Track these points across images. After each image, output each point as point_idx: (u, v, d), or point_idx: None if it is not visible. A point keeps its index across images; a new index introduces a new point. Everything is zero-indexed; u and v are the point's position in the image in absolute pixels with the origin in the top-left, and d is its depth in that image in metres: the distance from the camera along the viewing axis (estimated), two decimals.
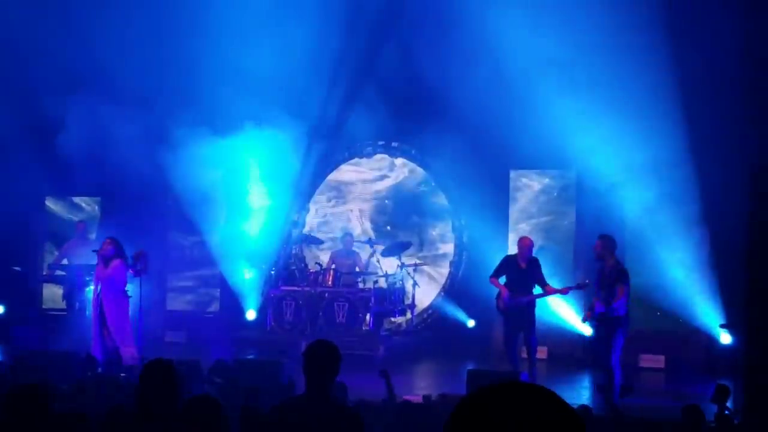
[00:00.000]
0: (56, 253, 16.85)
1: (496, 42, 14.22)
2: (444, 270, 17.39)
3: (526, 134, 14.43)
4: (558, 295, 12.88)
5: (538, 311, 12.63)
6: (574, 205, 16.01)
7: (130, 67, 15.32)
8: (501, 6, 13.95)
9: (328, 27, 14.99)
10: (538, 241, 13.77)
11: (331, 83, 15.95)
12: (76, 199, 18.08)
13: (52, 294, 16.86)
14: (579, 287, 12.60)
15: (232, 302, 17.01)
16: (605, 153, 14.42)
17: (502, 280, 12.53)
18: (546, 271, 12.70)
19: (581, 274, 14.28)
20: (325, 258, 16.83)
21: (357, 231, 17.66)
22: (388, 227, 17.73)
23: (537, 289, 12.54)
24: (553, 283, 12.76)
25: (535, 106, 14.26)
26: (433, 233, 17.62)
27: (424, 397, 10.17)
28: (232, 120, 15.73)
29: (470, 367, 12.52)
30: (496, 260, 13.09)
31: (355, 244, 16.90)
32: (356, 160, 17.94)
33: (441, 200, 17.47)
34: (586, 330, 15.26)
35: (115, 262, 12.79)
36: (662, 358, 15.03)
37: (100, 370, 11.49)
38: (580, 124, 14.19)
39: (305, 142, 16.43)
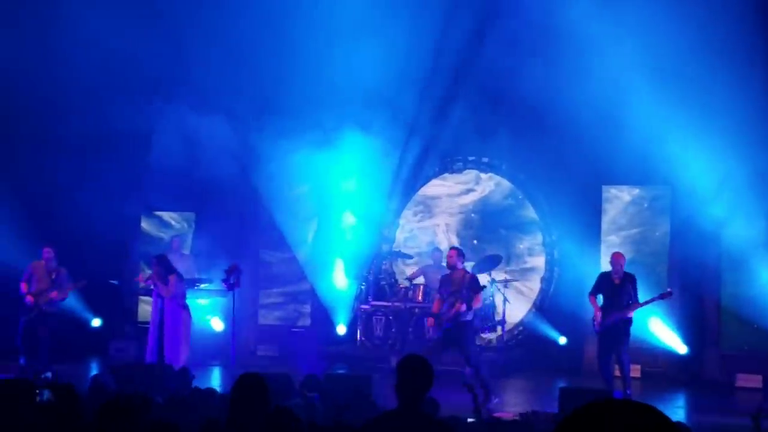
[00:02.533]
0: (148, 271, 17.07)
1: (591, 57, 14.08)
2: (533, 284, 17.21)
3: (619, 149, 14.25)
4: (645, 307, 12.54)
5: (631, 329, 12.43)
6: (666, 215, 15.69)
7: (221, 77, 15.51)
8: (596, 19, 13.80)
9: (422, 40, 14.98)
10: (628, 254, 13.53)
11: (422, 98, 15.94)
12: (166, 217, 18.31)
13: (147, 309, 17.12)
14: (662, 297, 12.38)
15: (323, 317, 17.11)
16: (701, 166, 14.16)
17: (600, 297, 12.38)
18: (638, 284, 12.46)
19: (676, 288, 13.95)
20: (411, 272, 16.86)
21: (443, 245, 17.59)
22: (475, 241, 17.58)
23: None
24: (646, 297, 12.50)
25: (629, 120, 14.08)
26: (521, 246, 17.42)
27: (518, 414, 10.08)
28: (325, 133, 15.80)
29: (561, 384, 12.38)
30: (588, 276, 12.95)
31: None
32: (446, 175, 17.88)
33: (529, 213, 17.28)
34: (681, 348, 15.00)
35: (171, 278, 13.63)
36: (759, 377, 14.62)
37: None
38: (675, 137, 13.97)
39: (396, 157, 16.47)
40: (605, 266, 13.06)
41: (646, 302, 12.29)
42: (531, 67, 14.60)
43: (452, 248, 12.73)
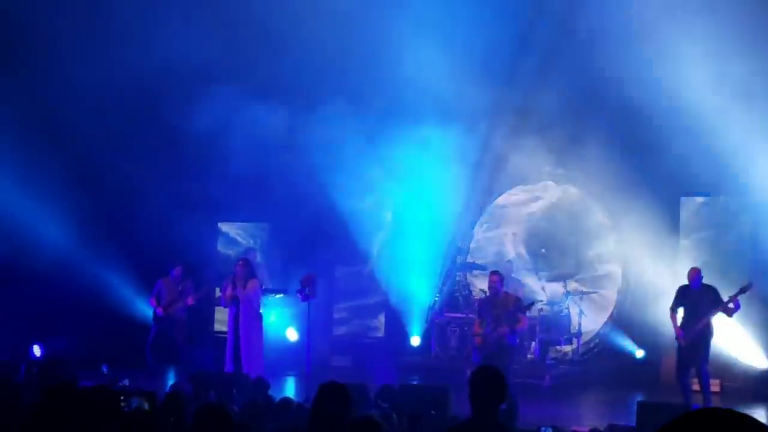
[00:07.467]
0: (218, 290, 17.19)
1: (675, 70, 13.89)
2: (605, 292, 16.91)
3: (699, 160, 13.99)
4: (727, 313, 12.27)
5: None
6: (745, 216, 15.31)
7: (292, 82, 15.63)
8: (675, 28, 13.62)
9: (500, 51, 14.90)
10: (702, 257, 13.27)
11: (498, 108, 15.79)
12: (233, 233, 18.48)
13: (223, 318, 17.24)
14: (743, 291, 12.08)
15: (397, 328, 17.10)
16: None
17: (680, 311, 12.21)
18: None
19: (757, 298, 13.59)
20: (483, 285, 16.72)
21: (511, 255, 17.43)
22: (543, 250, 17.27)
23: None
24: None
25: (712, 130, 13.79)
26: (590, 254, 17.07)
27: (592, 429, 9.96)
28: (397, 144, 15.74)
29: (639, 398, 12.18)
30: (665, 288, 12.77)
31: (519, 272, 16.75)
32: (520, 185, 17.65)
33: (597, 219, 16.93)
34: (761, 362, 14.69)
35: (253, 282, 13.70)
36: None
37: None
38: (756, 148, 13.73)
39: (472, 168, 16.34)
40: (683, 278, 12.80)
41: (729, 300, 12.02)
42: (609, 79, 14.43)
43: (494, 273, 12.55)
